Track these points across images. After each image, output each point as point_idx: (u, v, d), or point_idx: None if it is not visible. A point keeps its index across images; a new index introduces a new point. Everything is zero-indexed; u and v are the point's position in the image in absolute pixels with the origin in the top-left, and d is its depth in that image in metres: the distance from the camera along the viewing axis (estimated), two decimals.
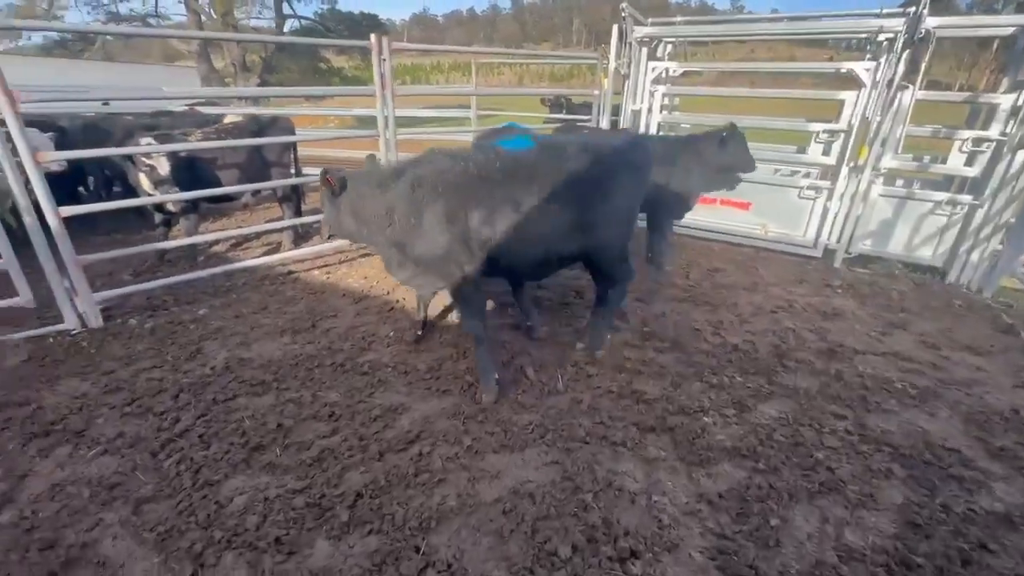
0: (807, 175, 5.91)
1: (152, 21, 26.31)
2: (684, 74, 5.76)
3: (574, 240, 2.82)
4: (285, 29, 28.68)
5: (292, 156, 5.41)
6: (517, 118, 10.33)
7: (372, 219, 2.78)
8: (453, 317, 3.87)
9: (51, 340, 3.43)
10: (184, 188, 4.33)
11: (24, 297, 3.35)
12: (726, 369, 3.24)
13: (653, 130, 5.83)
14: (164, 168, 4.10)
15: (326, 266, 4.99)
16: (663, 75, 5.66)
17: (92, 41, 26.64)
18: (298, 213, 5.64)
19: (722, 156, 4.33)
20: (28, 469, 2.33)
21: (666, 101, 5.85)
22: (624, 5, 5.27)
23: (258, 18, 28.32)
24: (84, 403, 2.82)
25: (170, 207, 4.71)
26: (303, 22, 30.56)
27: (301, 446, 2.50)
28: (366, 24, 31.53)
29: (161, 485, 2.23)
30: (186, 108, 8.34)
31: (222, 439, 2.53)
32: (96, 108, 8.24)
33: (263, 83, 25.87)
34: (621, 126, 5.99)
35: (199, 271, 4.44)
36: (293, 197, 5.57)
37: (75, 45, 26.53)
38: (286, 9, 29.55)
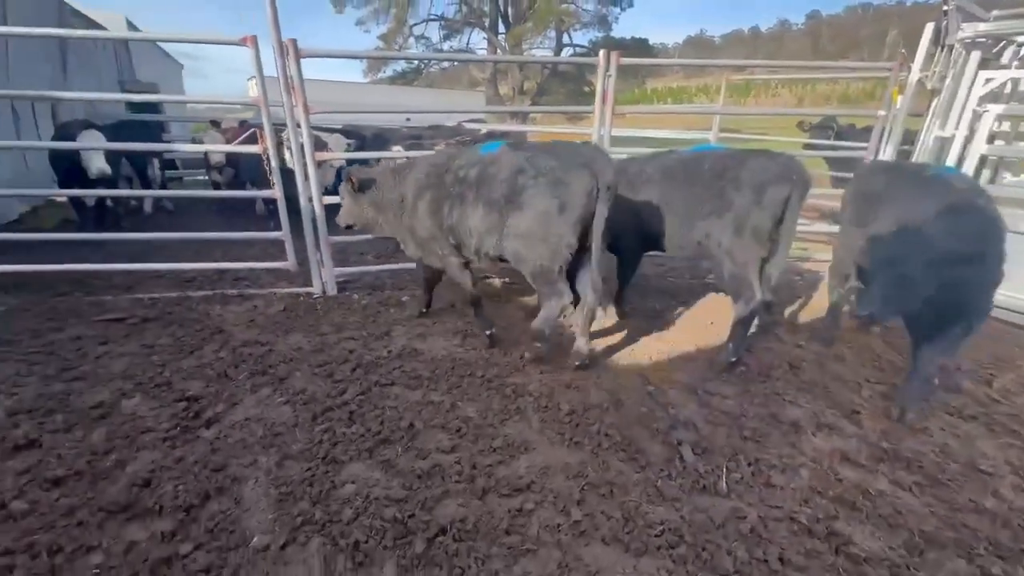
0: None
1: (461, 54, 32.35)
2: None
3: (492, 239, 3.14)
4: (560, 56, 31.53)
5: None
6: (775, 144, 8.94)
7: (390, 206, 3.54)
8: (621, 358, 3.44)
9: (300, 299, 4.36)
10: None
11: (290, 262, 4.34)
12: None
13: (969, 166, 4.13)
14: None
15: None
16: (1003, 89, 3.95)
17: (420, 72, 34.35)
18: None
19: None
20: (240, 399, 2.93)
21: (1002, 126, 4.07)
22: None
23: (539, 47, 31.81)
24: (295, 356, 3.44)
25: None
26: (577, 50, 33.25)
27: (420, 453, 2.49)
28: (635, 48, 32.34)
29: (305, 448, 2.50)
30: (456, 124, 9.83)
31: (365, 422, 2.72)
32: (401, 122, 10.39)
33: (534, 104, 29.10)
34: (915, 158, 4.44)
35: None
36: None
37: (409, 76, 34.58)
38: (565, 39, 32.60)
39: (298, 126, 3.81)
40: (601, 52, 4.14)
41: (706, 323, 3.99)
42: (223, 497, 2.19)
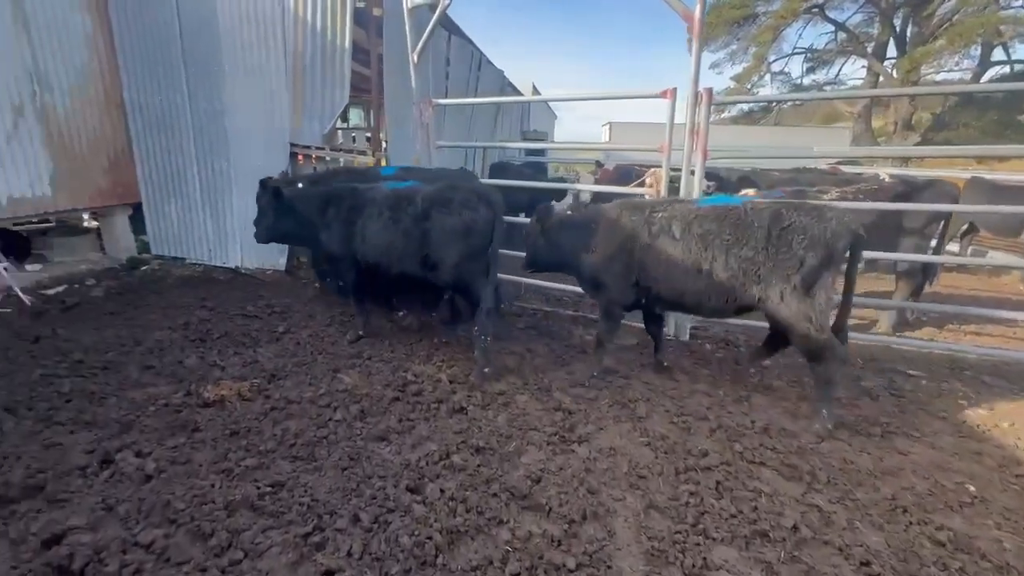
0: None
1: (827, 88, 28.40)
2: None
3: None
4: (984, 79, 23.83)
5: (941, 228, 4.39)
6: None
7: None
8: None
9: None
10: None
11: None
12: None
13: None
14: None
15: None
16: None
17: (769, 111, 31.88)
18: (917, 295, 4.60)
19: None
20: (604, 425, 3.07)
21: None
22: None
23: (951, 70, 24.77)
24: (651, 396, 3.43)
25: None
26: (1015, 67, 24.25)
27: (809, 572, 2.02)
28: None
29: (670, 503, 2.38)
30: (829, 167, 8.49)
31: (735, 501, 2.42)
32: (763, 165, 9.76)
33: (923, 142, 22.96)
34: None
35: None
36: (918, 275, 4.56)
37: (756, 115, 32.54)
38: (998, 54, 24.38)
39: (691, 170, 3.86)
40: None
41: None
42: (597, 523, 2.26)
